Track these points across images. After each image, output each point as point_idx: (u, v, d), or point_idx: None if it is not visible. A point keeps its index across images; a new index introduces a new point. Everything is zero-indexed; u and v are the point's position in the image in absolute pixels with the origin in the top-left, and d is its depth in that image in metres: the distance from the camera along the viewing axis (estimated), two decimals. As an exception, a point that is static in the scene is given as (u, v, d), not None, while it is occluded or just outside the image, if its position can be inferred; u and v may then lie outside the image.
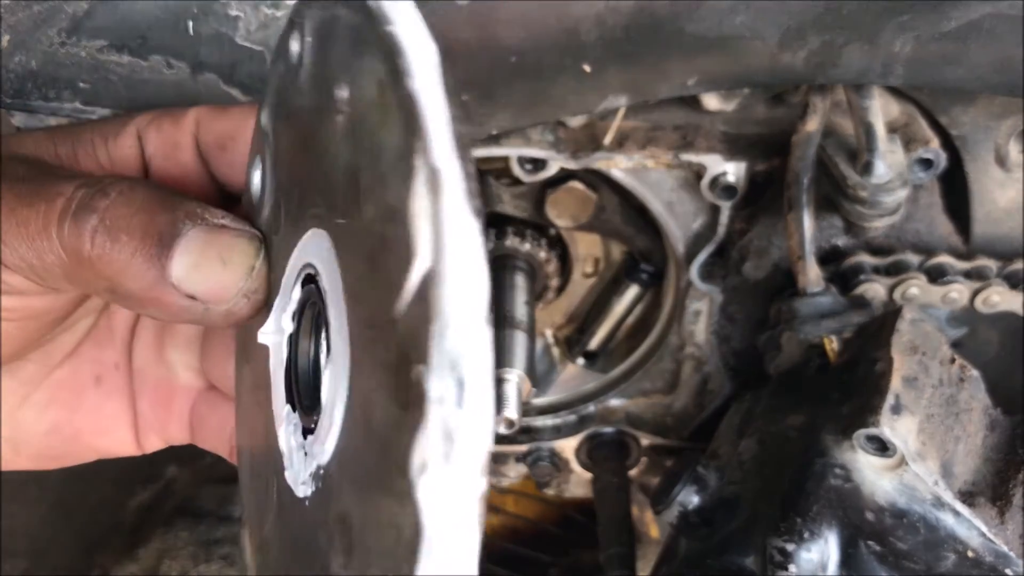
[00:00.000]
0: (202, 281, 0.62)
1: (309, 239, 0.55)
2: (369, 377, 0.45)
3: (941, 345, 1.04)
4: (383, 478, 0.42)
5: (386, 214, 0.43)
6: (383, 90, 0.44)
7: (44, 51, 0.89)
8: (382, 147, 0.44)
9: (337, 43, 0.50)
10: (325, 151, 0.51)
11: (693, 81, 0.99)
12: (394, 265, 0.41)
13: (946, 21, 0.94)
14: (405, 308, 0.40)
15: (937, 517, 0.94)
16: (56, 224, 0.63)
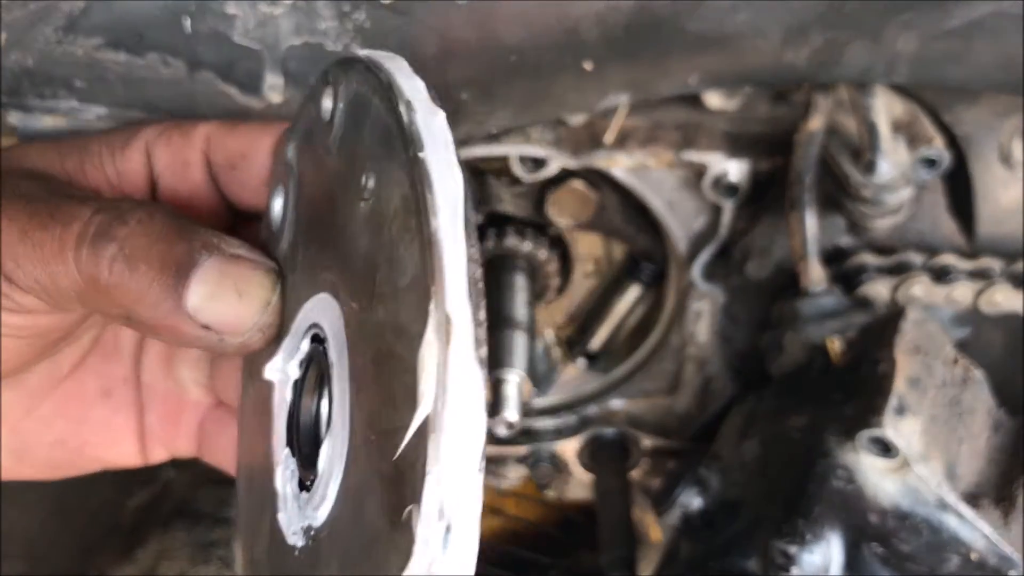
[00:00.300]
0: (218, 312, 0.62)
1: (321, 301, 0.57)
2: (365, 476, 0.47)
3: (945, 346, 1.03)
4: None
5: (396, 331, 0.45)
6: (407, 210, 0.46)
7: (40, 49, 0.89)
8: (400, 264, 0.46)
9: (369, 129, 0.52)
10: (346, 225, 0.54)
11: (695, 79, 0.98)
12: (399, 392, 0.44)
13: (949, 19, 0.94)
14: (404, 443, 0.42)
15: (941, 519, 0.94)
16: (73, 249, 0.63)
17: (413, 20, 0.90)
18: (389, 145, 0.50)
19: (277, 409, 0.62)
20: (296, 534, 0.54)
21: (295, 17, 0.88)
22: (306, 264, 0.62)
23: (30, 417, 0.78)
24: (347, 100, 0.56)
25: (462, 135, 1.00)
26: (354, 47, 0.90)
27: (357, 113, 0.55)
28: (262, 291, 0.63)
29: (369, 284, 0.49)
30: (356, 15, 0.89)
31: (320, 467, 0.53)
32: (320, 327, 0.57)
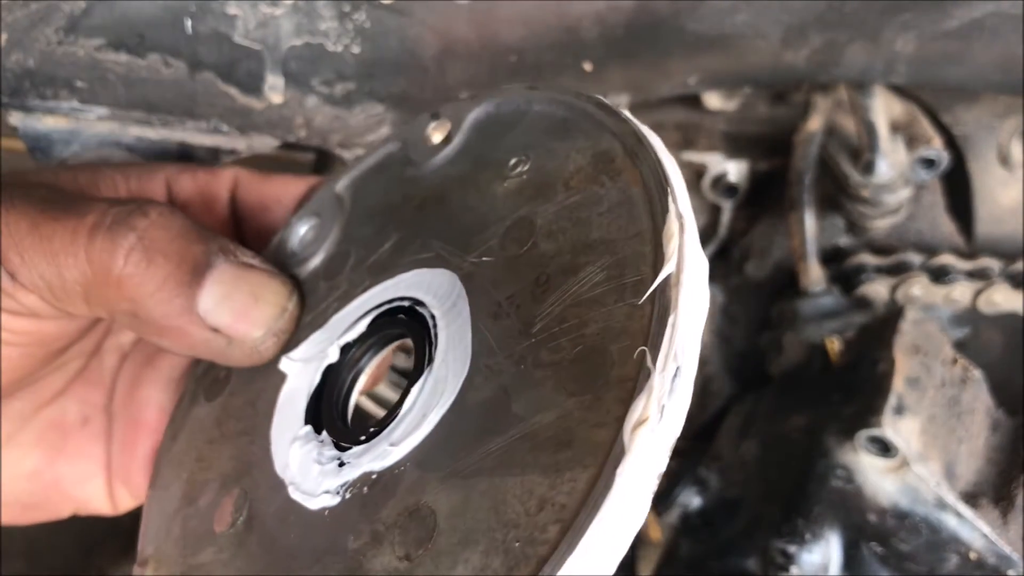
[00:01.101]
0: (230, 313, 0.62)
1: (412, 277, 0.60)
2: (519, 373, 0.51)
3: (944, 346, 1.03)
4: (525, 457, 0.47)
5: (586, 247, 0.54)
6: (602, 161, 0.57)
7: (42, 50, 0.89)
8: (597, 197, 0.56)
9: (512, 130, 0.63)
10: (475, 205, 0.61)
11: (694, 80, 0.98)
12: (627, 271, 0.51)
13: (948, 19, 0.94)
14: (638, 303, 0.49)
15: (939, 518, 0.94)
16: (86, 238, 0.62)
17: (413, 20, 0.90)
18: (564, 128, 0.60)
19: (287, 401, 0.62)
20: (329, 493, 0.55)
21: (296, 18, 0.88)
22: (363, 266, 0.64)
23: (9, 443, 0.75)
24: (473, 123, 0.65)
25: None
26: (354, 47, 0.91)
27: (486, 125, 0.65)
28: (278, 297, 0.63)
29: (524, 230, 0.57)
30: (356, 15, 0.89)
31: (405, 407, 0.55)
32: (409, 298, 0.59)
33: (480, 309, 0.56)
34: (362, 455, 0.55)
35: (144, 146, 0.96)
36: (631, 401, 0.45)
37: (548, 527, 0.44)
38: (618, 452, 0.44)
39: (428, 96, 0.95)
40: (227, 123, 0.94)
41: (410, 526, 0.50)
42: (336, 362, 0.62)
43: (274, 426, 0.61)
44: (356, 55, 0.91)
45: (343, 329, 0.62)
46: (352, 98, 0.94)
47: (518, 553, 0.44)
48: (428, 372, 0.55)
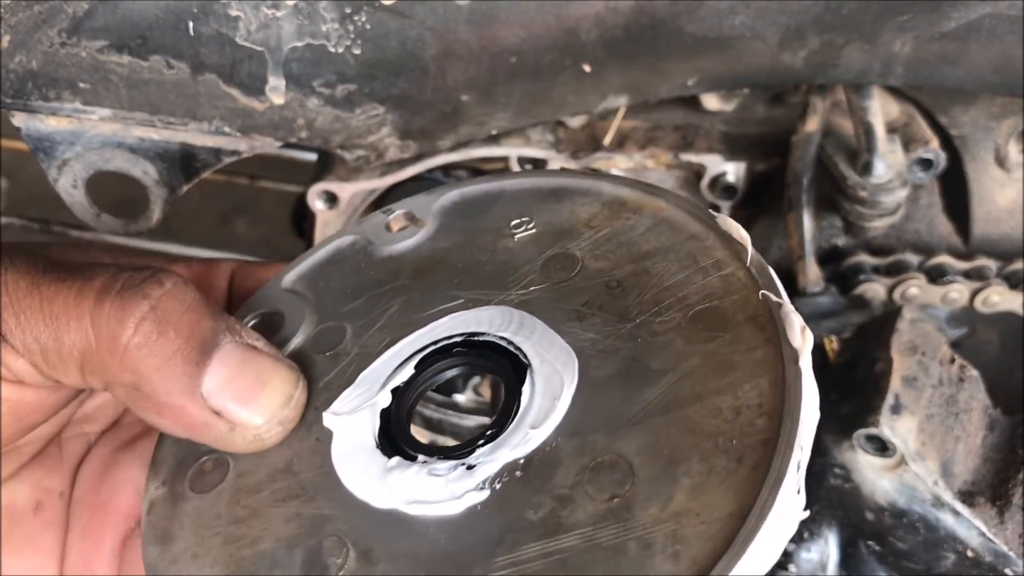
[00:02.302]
0: (234, 397, 0.59)
1: (450, 321, 0.65)
2: (649, 343, 0.59)
3: (941, 345, 1.04)
4: (695, 389, 0.55)
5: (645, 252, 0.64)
6: (623, 201, 0.68)
7: (44, 51, 0.89)
8: (636, 225, 0.66)
9: (493, 206, 0.71)
10: (488, 260, 0.68)
11: (693, 81, 0.99)
12: (700, 259, 0.63)
13: (946, 21, 0.94)
14: (733, 272, 0.61)
15: (937, 517, 0.94)
16: (93, 302, 0.59)
17: (414, 22, 0.90)
18: (551, 196, 0.70)
19: (346, 449, 0.62)
20: (475, 491, 0.57)
21: (297, 19, 0.89)
22: (382, 323, 0.67)
23: None
24: (438, 209, 0.72)
25: (463, 136, 1.01)
26: (355, 49, 0.91)
27: (457, 210, 0.72)
28: (285, 384, 0.61)
29: (566, 261, 0.66)
30: (357, 17, 0.89)
31: (524, 401, 0.59)
32: (460, 334, 0.64)
33: (556, 320, 0.62)
34: (494, 451, 0.57)
35: (147, 147, 0.96)
36: (770, 330, 0.56)
37: (755, 421, 0.52)
38: (791, 354, 0.53)
39: (428, 97, 0.95)
40: (229, 124, 0.94)
41: (600, 476, 0.54)
42: (391, 405, 0.63)
43: (344, 475, 0.61)
44: (357, 56, 0.91)
45: (385, 377, 0.63)
46: (353, 99, 0.94)
47: (737, 447, 0.52)
48: (530, 372, 0.60)
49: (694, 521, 0.50)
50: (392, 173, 1.14)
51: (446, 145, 1.03)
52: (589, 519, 0.53)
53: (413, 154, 1.02)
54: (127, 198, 1.05)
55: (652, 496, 0.52)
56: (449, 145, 1.04)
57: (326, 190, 1.15)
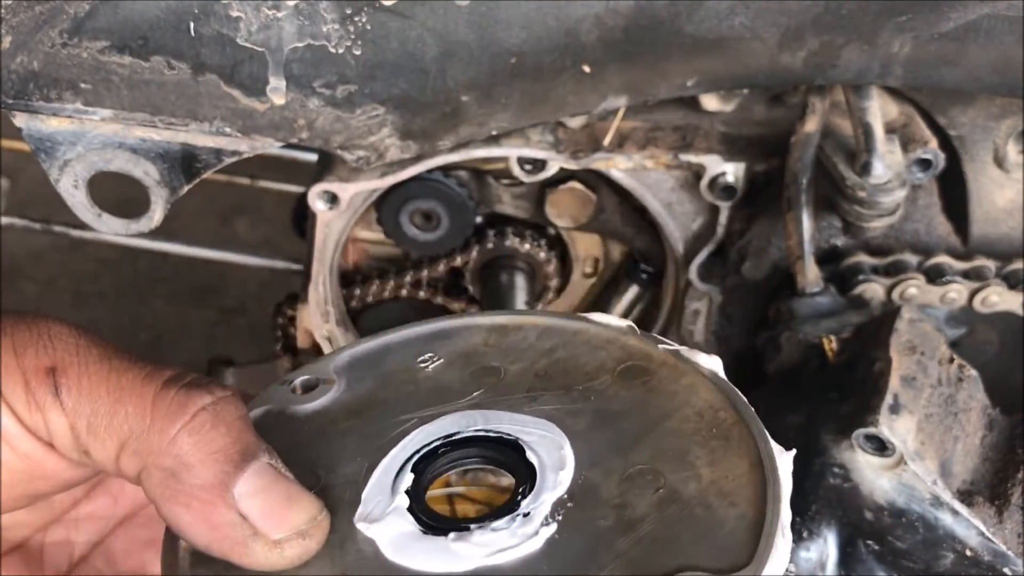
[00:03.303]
0: (261, 507, 0.60)
1: (418, 435, 0.69)
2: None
3: (940, 345, 1.04)
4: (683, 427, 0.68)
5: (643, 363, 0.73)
6: (504, 326, 0.78)
7: (46, 52, 0.89)
8: (530, 335, 0.77)
9: (389, 355, 0.77)
10: (417, 390, 0.74)
11: (692, 82, 0.99)
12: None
13: (945, 22, 0.94)
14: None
15: (935, 516, 0.95)
16: (160, 385, 0.61)
17: (414, 23, 0.91)
18: (440, 335, 0.78)
19: (396, 544, 0.64)
20: (542, 528, 0.62)
21: (298, 20, 0.89)
22: (348, 464, 0.70)
23: None
24: (337, 368, 0.76)
25: (463, 137, 1.01)
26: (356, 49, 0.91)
27: (359, 364, 0.77)
28: (311, 507, 0.62)
29: (491, 370, 0.74)
30: (358, 18, 0.90)
31: (536, 461, 0.67)
32: (435, 440, 0.68)
33: (513, 407, 0.71)
34: (537, 499, 0.64)
35: (148, 148, 0.96)
36: (680, 364, 0.71)
37: (718, 415, 0.67)
38: (706, 370, 0.71)
39: (428, 98, 0.95)
40: (230, 125, 0.95)
41: (637, 481, 0.64)
42: (411, 504, 0.65)
43: (410, 563, 0.63)
44: (357, 57, 0.92)
45: (390, 486, 0.66)
46: (354, 100, 0.94)
47: (718, 433, 0.66)
48: (522, 443, 0.68)
49: (728, 481, 0.63)
50: (392, 173, 1.15)
51: (446, 145, 1.03)
52: (652, 508, 0.62)
53: (413, 154, 1.02)
54: (128, 198, 1.05)
55: (685, 479, 0.64)
56: (449, 145, 1.04)
57: (327, 190, 1.16)
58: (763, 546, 0.60)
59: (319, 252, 1.24)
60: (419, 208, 1.26)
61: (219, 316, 2.74)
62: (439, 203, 1.26)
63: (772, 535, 0.61)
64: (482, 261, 1.37)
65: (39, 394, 0.61)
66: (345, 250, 1.37)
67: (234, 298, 2.77)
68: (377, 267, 1.42)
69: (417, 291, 1.38)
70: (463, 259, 1.36)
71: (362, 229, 1.36)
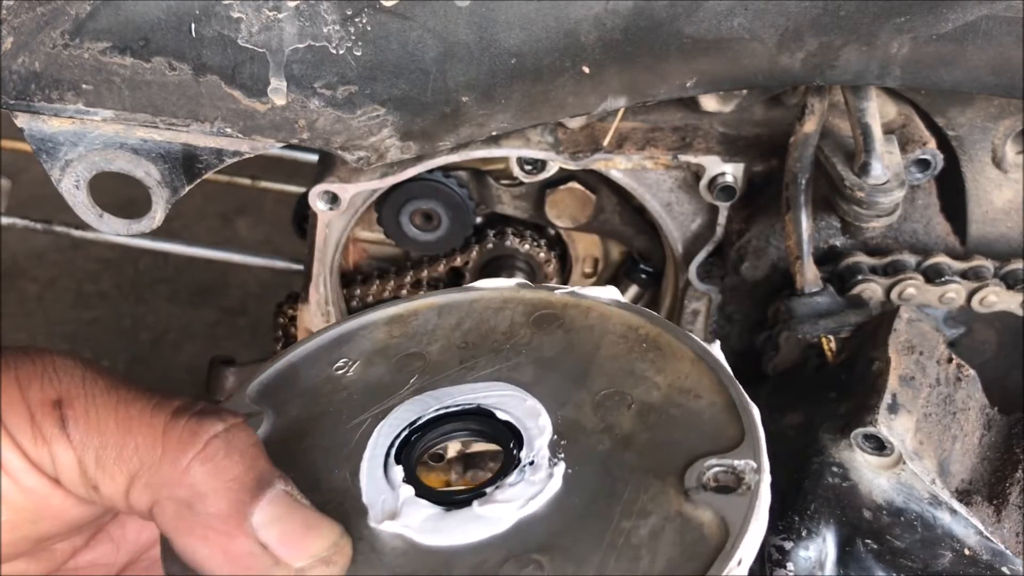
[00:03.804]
0: (281, 535, 0.59)
1: (384, 429, 0.70)
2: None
3: (938, 345, 1.04)
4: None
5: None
6: (401, 315, 0.81)
7: (47, 53, 0.90)
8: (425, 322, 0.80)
9: (301, 371, 0.78)
10: (348, 395, 0.75)
11: (692, 82, 0.99)
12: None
13: (943, 23, 0.94)
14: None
15: (934, 515, 0.95)
16: (170, 415, 0.60)
17: (415, 24, 0.91)
18: (339, 341, 0.79)
19: (429, 524, 0.64)
20: (552, 466, 0.66)
21: (298, 21, 0.89)
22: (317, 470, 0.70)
23: None
24: (258, 397, 0.76)
25: (463, 137, 1.01)
26: (356, 50, 0.92)
27: (272, 387, 0.77)
28: (331, 532, 0.61)
29: (418, 358, 0.76)
30: (358, 19, 0.90)
31: (508, 418, 0.70)
32: (404, 429, 0.70)
33: (455, 380, 0.73)
34: (531, 446, 0.67)
35: (149, 148, 0.97)
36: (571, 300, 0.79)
37: (640, 331, 0.75)
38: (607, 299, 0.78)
39: (429, 99, 0.96)
40: (231, 126, 0.95)
41: (608, 403, 0.70)
42: (416, 491, 0.66)
43: (448, 538, 0.63)
44: (358, 58, 0.92)
45: (387, 485, 0.67)
46: (354, 101, 0.94)
47: (650, 345, 0.74)
48: (491, 408, 0.71)
49: (682, 380, 0.71)
50: (393, 174, 1.15)
51: (446, 146, 1.04)
52: (635, 422, 0.68)
53: (414, 155, 1.02)
54: (129, 199, 1.05)
55: (647, 390, 0.70)
56: (449, 146, 1.04)
57: (327, 191, 1.16)
58: (747, 421, 0.66)
59: (320, 252, 1.24)
60: (419, 208, 1.27)
61: (220, 316, 2.74)
62: (439, 203, 1.27)
63: (747, 409, 0.67)
64: (482, 261, 1.37)
65: (45, 427, 0.59)
66: (346, 250, 1.37)
67: (235, 298, 2.77)
68: (377, 267, 1.42)
69: (417, 291, 1.39)
70: (463, 259, 1.36)
71: (362, 229, 1.36)
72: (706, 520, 0.61)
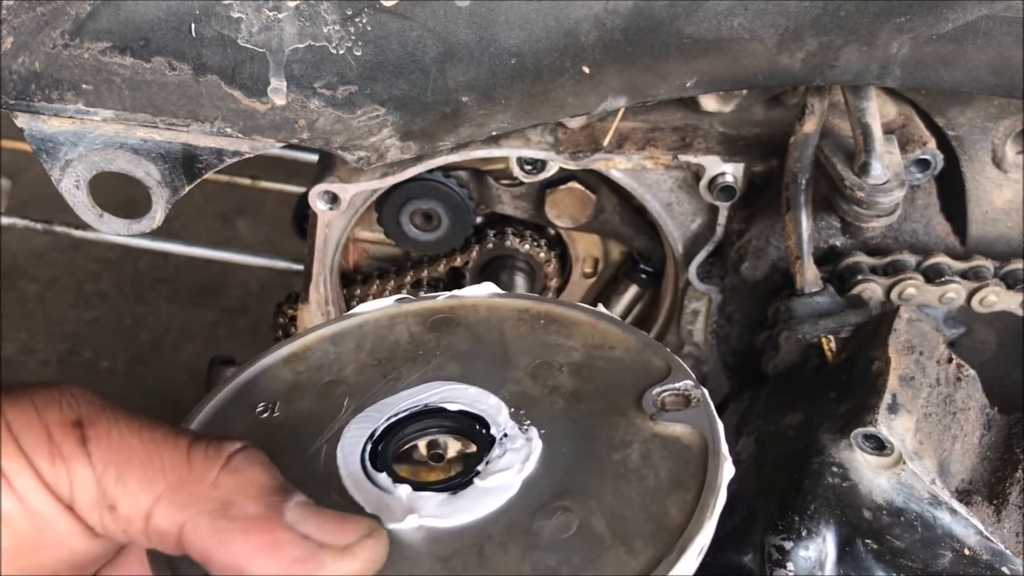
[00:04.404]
0: (318, 523, 0.59)
1: (345, 443, 0.71)
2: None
3: (938, 344, 1.04)
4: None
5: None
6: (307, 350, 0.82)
7: (47, 53, 0.90)
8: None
9: (256, 386, 0.79)
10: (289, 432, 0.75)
11: (692, 82, 0.99)
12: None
13: (943, 22, 0.95)
14: None
15: (934, 515, 0.95)
16: (190, 440, 0.60)
17: (415, 24, 0.91)
18: (252, 385, 0.79)
19: (440, 511, 0.66)
20: (533, 437, 0.69)
21: (298, 21, 0.89)
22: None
23: None
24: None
25: (463, 137, 1.01)
26: (356, 50, 0.92)
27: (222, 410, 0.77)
28: (363, 521, 0.62)
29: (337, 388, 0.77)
30: (358, 19, 0.90)
31: (463, 405, 0.72)
32: (368, 438, 0.71)
33: (391, 389, 0.75)
34: (496, 422, 0.71)
35: (149, 148, 0.97)
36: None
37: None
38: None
39: (429, 99, 0.96)
40: (231, 126, 0.95)
41: (541, 374, 0.75)
42: (413, 486, 0.67)
43: (468, 517, 0.65)
44: (358, 58, 0.92)
45: (380, 491, 0.67)
46: (354, 101, 0.95)
47: (544, 316, 0.80)
48: (440, 403, 0.73)
49: (592, 338, 0.77)
50: (393, 174, 1.15)
51: (446, 146, 1.04)
52: (572, 379, 0.74)
53: (414, 155, 1.02)
54: (130, 199, 1.06)
55: (568, 352, 0.76)
56: (449, 146, 1.04)
57: (327, 191, 1.16)
58: (664, 354, 0.74)
59: (320, 252, 1.24)
60: (419, 208, 1.27)
61: (220, 316, 2.74)
62: (439, 203, 1.27)
63: (659, 346, 0.75)
64: (482, 261, 1.37)
65: (65, 446, 0.58)
66: (345, 250, 1.37)
67: (235, 298, 2.77)
68: (377, 267, 1.42)
69: (417, 291, 1.39)
70: (463, 259, 1.36)
71: (362, 229, 1.36)
72: (679, 433, 0.69)
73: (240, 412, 0.76)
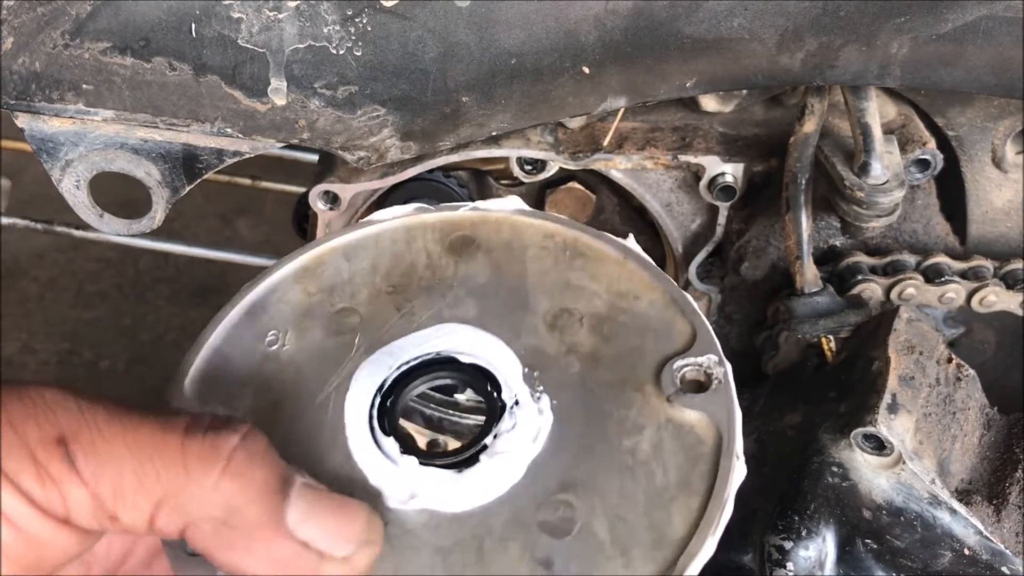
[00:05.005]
0: (319, 527, 0.59)
1: (364, 377, 0.70)
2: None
3: (938, 344, 1.04)
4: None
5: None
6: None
7: (48, 53, 0.90)
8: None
9: (233, 358, 0.76)
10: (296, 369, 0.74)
11: (691, 83, 0.99)
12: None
13: (943, 23, 0.95)
14: None
15: (934, 515, 0.95)
16: (183, 434, 0.58)
17: (415, 24, 0.91)
18: (251, 310, 0.79)
19: (446, 490, 0.66)
20: (543, 402, 0.68)
21: (299, 21, 0.89)
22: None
23: None
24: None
25: (463, 137, 1.01)
26: (357, 51, 0.92)
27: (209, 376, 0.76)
28: (360, 510, 0.61)
29: (349, 313, 0.75)
30: (359, 19, 0.90)
31: (475, 353, 0.71)
32: (377, 389, 0.70)
33: (400, 331, 0.73)
34: (508, 385, 0.69)
35: (149, 148, 0.97)
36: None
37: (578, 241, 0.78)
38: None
39: (429, 99, 0.96)
40: (231, 126, 0.95)
41: (560, 324, 0.72)
42: (420, 461, 0.66)
43: (476, 502, 0.65)
44: (358, 58, 0.92)
45: (387, 460, 0.67)
46: (354, 101, 0.95)
47: (572, 247, 0.78)
48: (452, 353, 0.71)
49: (617, 283, 0.74)
50: (393, 174, 1.15)
51: (447, 146, 1.04)
52: (592, 337, 0.71)
53: (414, 155, 1.03)
54: (130, 199, 1.06)
55: (590, 299, 0.73)
56: (450, 146, 1.04)
57: (328, 191, 1.16)
58: (693, 317, 0.71)
59: (320, 252, 1.24)
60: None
61: (220, 316, 2.74)
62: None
63: (689, 304, 0.73)
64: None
65: (52, 467, 0.56)
66: (346, 250, 1.37)
67: (235, 298, 2.77)
68: (378, 267, 1.42)
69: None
70: (463, 259, 1.36)
71: (363, 229, 1.36)
72: (694, 421, 0.66)
73: (247, 341, 0.74)
